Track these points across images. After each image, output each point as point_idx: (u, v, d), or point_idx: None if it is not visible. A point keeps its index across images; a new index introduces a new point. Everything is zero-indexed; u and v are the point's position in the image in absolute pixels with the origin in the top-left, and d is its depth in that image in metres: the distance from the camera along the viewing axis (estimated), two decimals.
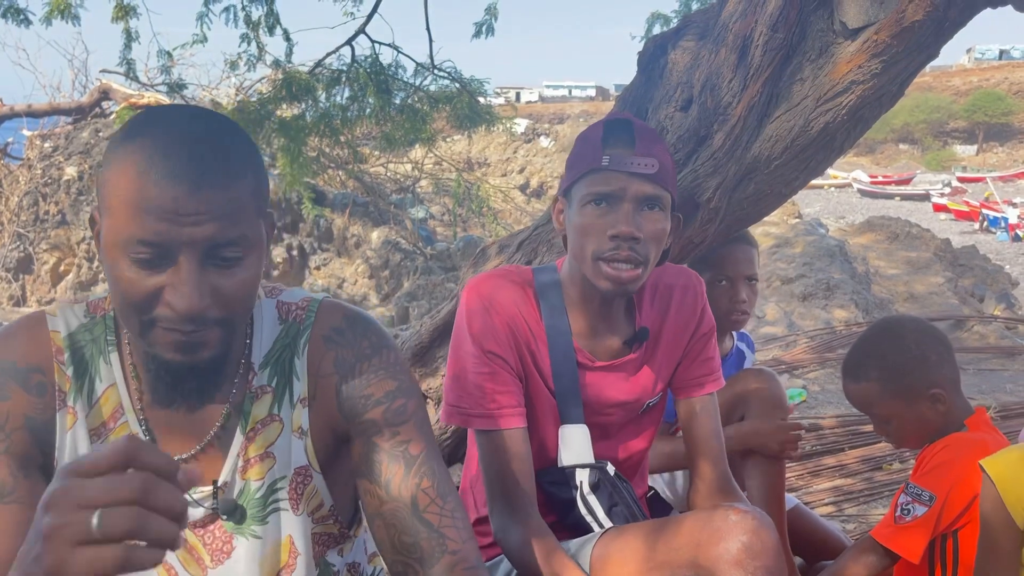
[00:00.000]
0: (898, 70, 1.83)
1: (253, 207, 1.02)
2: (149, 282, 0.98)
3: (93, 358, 1.13)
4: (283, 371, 1.16)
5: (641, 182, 1.37)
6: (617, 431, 1.59)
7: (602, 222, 1.38)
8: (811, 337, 6.94)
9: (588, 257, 1.40)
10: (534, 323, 1.49)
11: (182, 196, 0.94)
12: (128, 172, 0.96)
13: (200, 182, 0.95)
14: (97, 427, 1.13)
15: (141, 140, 0.97)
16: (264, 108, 5.71)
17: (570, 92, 71.48)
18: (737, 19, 1.94)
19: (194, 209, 0.95)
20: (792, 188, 2.10)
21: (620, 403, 1.55)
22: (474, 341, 1.45)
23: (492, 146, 19.72)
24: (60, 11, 5.21)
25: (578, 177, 1.42)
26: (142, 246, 0.96)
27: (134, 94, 11.20)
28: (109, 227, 0.99)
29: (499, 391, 1.44)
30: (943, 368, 1.79)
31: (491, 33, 5.92)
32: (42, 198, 11.44)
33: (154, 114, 1.03)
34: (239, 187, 0.99)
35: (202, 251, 0.97)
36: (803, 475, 4.32)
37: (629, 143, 1.38)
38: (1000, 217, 29.32)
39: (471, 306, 1.47)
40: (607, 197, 1.38)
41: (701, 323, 1.60)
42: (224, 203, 0.97)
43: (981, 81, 60.50)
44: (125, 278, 0.98)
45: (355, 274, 10.61)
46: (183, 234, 0.95)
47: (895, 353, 1.80)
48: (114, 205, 0.97)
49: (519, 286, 1.50)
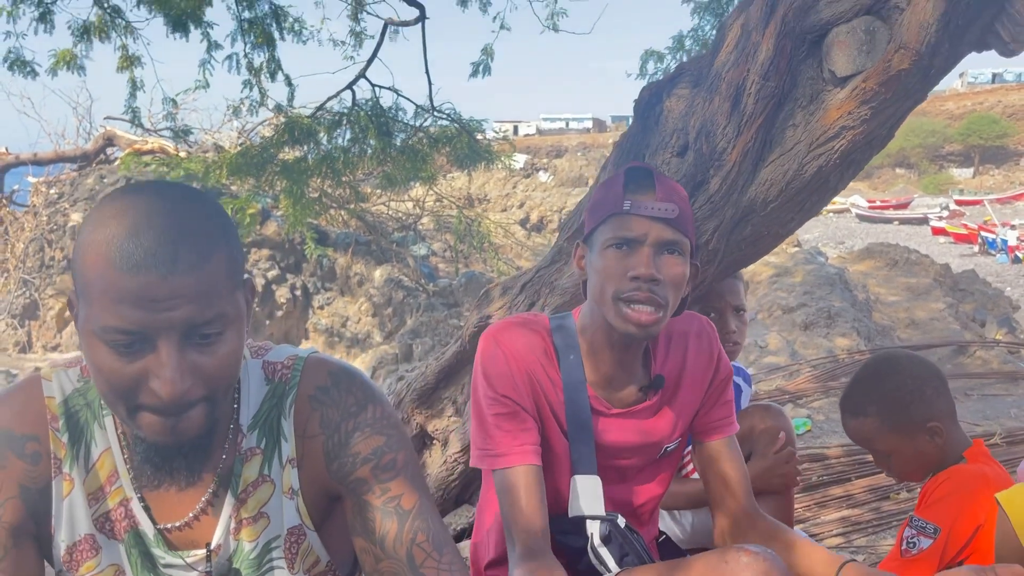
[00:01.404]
0: (887, 115, 1.88)
1: (228, 282, 1.01)
2: (130, 368, 0.98)
3: (88, 423, 1.14)
4: (271, 432, 1.16)
5: (661, 227, 1.41)
6: (634, 476, 1.61)
7: (623, 265, 1.41)
8: (814, 366, 6.95)
9: (609, 299, 1.43)
10: (551, 371, 1.51)
11: (155, 282, 0.94)
12: (100, 261, 0.95)
13: (173, 267, 0.95)
14: (95, 491, 1.14)
15: (111, 227, 0.96)
16: (267, 151, 5.80)
17: (567, 124, 71.95)
18: (730, 68, 2.01)
19: (168, 294, 0.95)
20: (788, 229, 2.15)
21: (636, 447, 1.57)
22: (491, 386, 1.47)
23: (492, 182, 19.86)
24: (66, 62, 5.32)
25: (600, 222, 1.46)
26: (120, 334, 0.96)
27: (138, 140, 11.34)
28: (86, 314, 0.98)
29: (517, 430, 1.46)
30: (939, 401, 1.82)
31: (488, 72, 6.03)
32: (47, 244, 11.52)
33: (123, 195, 1.01)
34: (212, 266, 0.98)
35: (180, 333, 0.97)
36: (810, 506, 4.31)
37: (650, 188, 1.42)
38: (999, 239, 29.39)
39: (489, 353, 1.50)
40: (628, 241, 1.41)
41: (719, 369, 1.63)
42: (198, 284, 0.96)
43: (975, 105, 60.91)
44: (106, 365, 0.98)
45: (358, 312, 10.65)
46: (160, 319, 0.95)
47: (892, 389, 1.83)
48: (89, 294, 0.97)
49: (536, 334, 1.53)
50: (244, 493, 1.16)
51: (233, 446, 1.15)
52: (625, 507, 1.60)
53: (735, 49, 2.01)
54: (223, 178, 6.14)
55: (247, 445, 1.16)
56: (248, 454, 1.16)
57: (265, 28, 5.45)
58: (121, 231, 0.95)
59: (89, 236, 0.98)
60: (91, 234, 0.97)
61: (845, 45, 1.84)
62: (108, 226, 0.96)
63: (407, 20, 5.25)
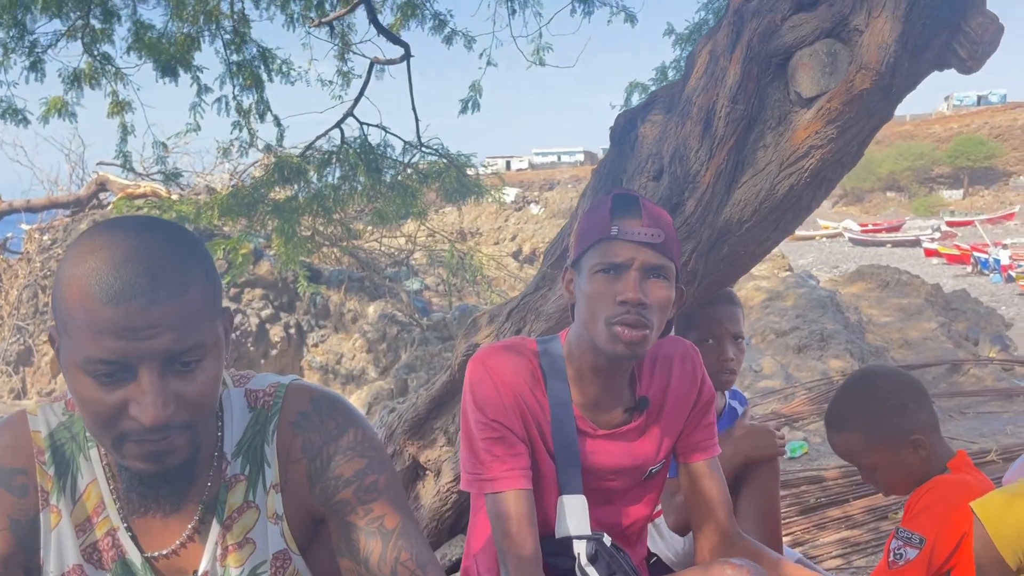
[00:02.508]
0: (853, 134, 1.93)
1: (207, 311, 1.03)
2: (112, 397, 1.00)
3: (74, 455, 1.16)
4: (255, 459, 1.19)
5: (648, 251, 1.45)
6: (620, 497, 1.63)
7: (611, 289, 1.45)
8: (808, 388, 6.96)
9: (599, 322, 1.46)
10: (538, 393, 1.54)
11: (135, 313, 0.97)
12: (80, 294, 0.98)
13: (152, 297, 0.97)
14: (82, 522, 1.16)
15: (90, 261, 0.98)
16: (257, 192, 5.86)
17: (559, 158, 72.52)
18: (700, 93, 2.06)
19: (148, 324, 0.97)
20: (765, 248, 2.18)
21: (622, 469, 1.59)
22: (480, 410, 1.50)
23: (483, 215, 19.97)
24: (57, 110, 5.39)
25: (588, 247, 1.50)
26: (101, 364, 0.98)
27: (130, 184, 11.42)
28: (67, 347, 1.01)
29: (507, 454, 1.49)
30: (921, 414, 1.85)
31: (476, 109, 6.12)
32: (41, 290, 11.53)
33: (101, 231, 1.03)
34: (191, 296, 1.01)
35: (161, 362, 0.99)
36: (809, 528, 4.30)
37: (636, 214, 1.47)
38: (992, 259, 29.53)
39: (476, 377, 1.53)
40: (616, 266, 1.46)
41: (702, 392, 1.66)
42: (177, 313, 0.99)
43: (961, 127, 61.58)
44: (89, 396, 1.00)
45: (353, 349, 10.65)
46: (140, 348, 0.98)
47: (874, 403, 1.85)
48: (70, 326, 0.99)
49: (523, 357, 1.56)
50: (229, 519, 1.17)
51: (218, 473, 1.17)
52: (613, 529, 1.61)
53: (704, 74, 2.07)
54: (215, 219, 6.19)
55: (231, 472, 1.18)
56: (233, 481, 1.18)
57: (253, 70, 5.55)
58: (100, 265, 0.98)
59: (69, 271, 1.00)
60: (71, 269, 1.00)
61: (809, 67, 1.90)
62: (87, 261, 0.99)
63: (393, 59, 5.34)
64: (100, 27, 5.02)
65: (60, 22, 4.84)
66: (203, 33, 5.25)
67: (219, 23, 5.30)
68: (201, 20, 5.18)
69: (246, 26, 5.42)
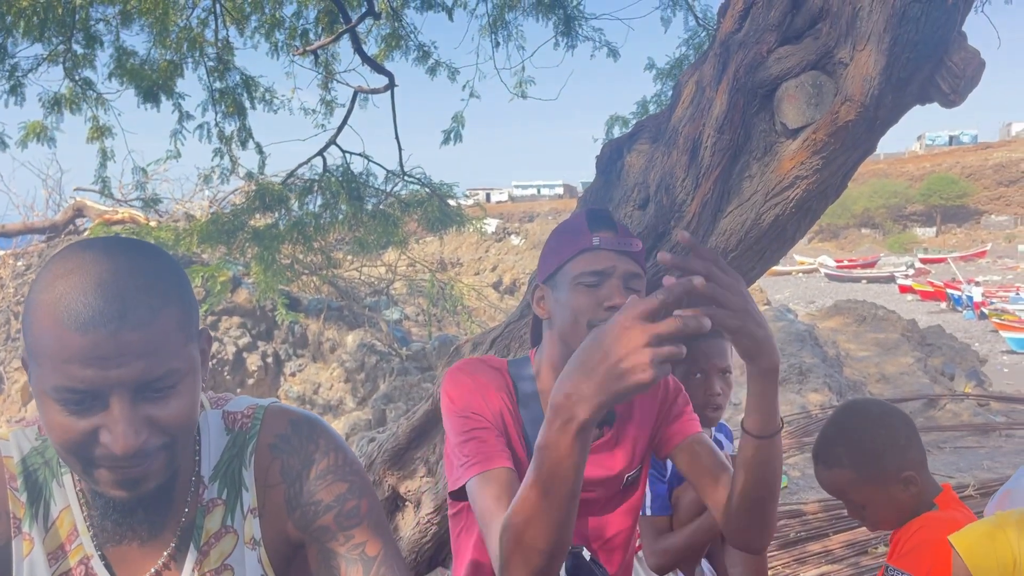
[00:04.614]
0: (838, 164, 1.95)
1: (180, 336, 1.00)
2: (83, 424, 0.97)
3: (47, 481, 1.12)
4: (232, 482, 1.15)
5: (628, 261, 1.51)
6: (600, 508, 1.64)
7: (595, 296, 1.48)
8: (788, 422, 6.97)
9: (582, 327, 1.48)
10: (512, 406, 1.56)
11: (103, 341, 0.93)
12: (48, 322, 0.95)
13: (121, 324, 0.94)
14: (55, 550, 1.12)
15: (59, 286, 0.95)
16: (238, 219, 5.81)
17: (539, 191, 73.05)
18: (686, 123, 2.07)
19: (117, 351, 0.94)
20: (750, 278, 2.19)
21: (598, 481, 1.60)
22: (458, 411, 1.51)
23: (464, 246, 20.00)
24: (36, 134, 5.34)
25: (566, 260, 1.53)
26: (70, 393, 0.95)
27: (108, 210, 11.33)
28: (36, 374, 0.98)
29: (489, 438, 1.48)
30: (912, 451, 1.82)
31: (459, 140, 6.14)
32: (14, 316, 11.35)
33: (72, 254, 0.99)
34: (162, 321, 0.97)
35: (132, 389, 0.96)
36: (789, 563, 4.28)
37: (612, 227, 1.53)
38: (965, 296, 29.95)
39: (454, 381, 1.55)
40: (599, 274, 1.49)
41: (668, 389, 1.68)
42: (148, 341, 0.96)
43: (933, 166, 62.84)
44: (59, 423, 0.97)
45: (331, 378, 10.54)
46: (110, 377, 0.95)
47: (865, 440, 1.82)
48: (38, 353, 0.96)
49: (496, 371, 1.59)
50: (207, 545, 1.14)
51: (195, 497, 1.14)
52: (596, 540, 1.63)
53: (691, 105, 2.08)
54: (194, 246, 6.12)
55: (208, 496, 1.15)
56: (210, 505, 1.15)
57: (236, 98, 5.54)
58: (68, 290, 0.95)
59: (37, 297, 0.97)
60: (40, 295, 0.97)
61: (794, 99, 1.91)
62: (55, 286, 0.96)
63: (377, 88, 5.35)
64: (82, 52, 4.99)
65: (41, 46, 4.82)
66: (186, 60, 5.24)
67: (203, 50, 5.30)
68: (185, 47, 5.18)
69: (230, 54, 5.42)
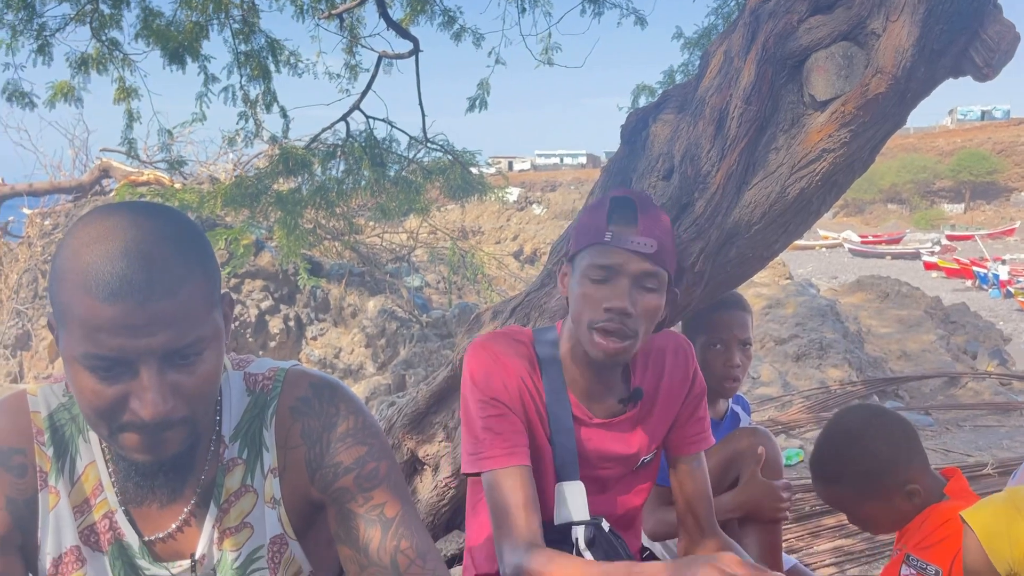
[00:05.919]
0: (867, 138, 1.92)
1: (205, 303, 1.01)
2: (112, 391, 0.99)
3: (73, 436, 1.15)
4: (253, 443, 1.17)
5: (640, 260, 1.46)
6: (613, 486, 1.65)
7: (599, 294, 1.47)
8: (806, 397, 6.96)
9: (583, 324, 1.49)
10: (535, 379, 1.56)
11: (132, 310, 0.95)
12: (76, 291, 0.96)
13: (149, 293, 0.95)
14: (80, 504, 1.15)
15: (86, 254, 0.96)
16: (261, 182, 5.84)
17: (561, 160, 72.54)
18: (713, 93, 2.05)
19: (146, 320, 0.95)
20: (773, 251, 2.18)
21: (616, 457, 1.61)
22: (480, 392, 1.51)
23: (486, 214, 19.99)
24: (63, 94, 5.38)
25: (582, 248, 1.51)
26: (100, 360, 0.97)
27: (134, 171, 11.42)
28: (65, 340, 0.99)
29: (507, 431, 1.50)
30: (913, 461, 1.77)
31: (484, 107, 6.11)
32: (41, 275, 11.53)
33: (98, 220, 1.00)
34: (189, 290, 0.99)
35: (160, 357, 0.98)
36: (803, 536, 4.30)
37: (632, 222, 1.47)
38: (991, 274, 29.58)
39: (476, 360, 1.54)
40: (607, 271, 1.47)
41: (694, 385, 1.68)
42: (175, 309, 0.97)
43: (964, 141, 61.60)
44: (88, 389, 0.99)
45: (351, 343, 10.64)
46: (139, 345, 0.96)
47: (866, 459, 1.76)
48: (67, 320, 0.98)
49: (521, 344, 1.59)
50: (227, 503, 1.17)
51: (215, 457, 1.16)
52: (607, 517, 1.62)
53: (718, 74, 2.06)
54: (218, 209, 6.18)
55: (229, 455, 1.17)
56: (230, 464, 1.17)
57: (261, 61, 5.53)
58: (95, 259, 0.96)
59: (64, 264, 0.98)
60: (67, 262, 0.98)
61: (824, 70, 1.89)
62: (82, 255, 0.97)
63: (401, 53, 5.33)
64: (109, 12, 4.99)
65: (69, 6, 4.83)
66: (212, 22, 5.24)
67: (228, 12, 5.29)
68: (210, 9, 5.17)
69: (255, 16, 5.41)
